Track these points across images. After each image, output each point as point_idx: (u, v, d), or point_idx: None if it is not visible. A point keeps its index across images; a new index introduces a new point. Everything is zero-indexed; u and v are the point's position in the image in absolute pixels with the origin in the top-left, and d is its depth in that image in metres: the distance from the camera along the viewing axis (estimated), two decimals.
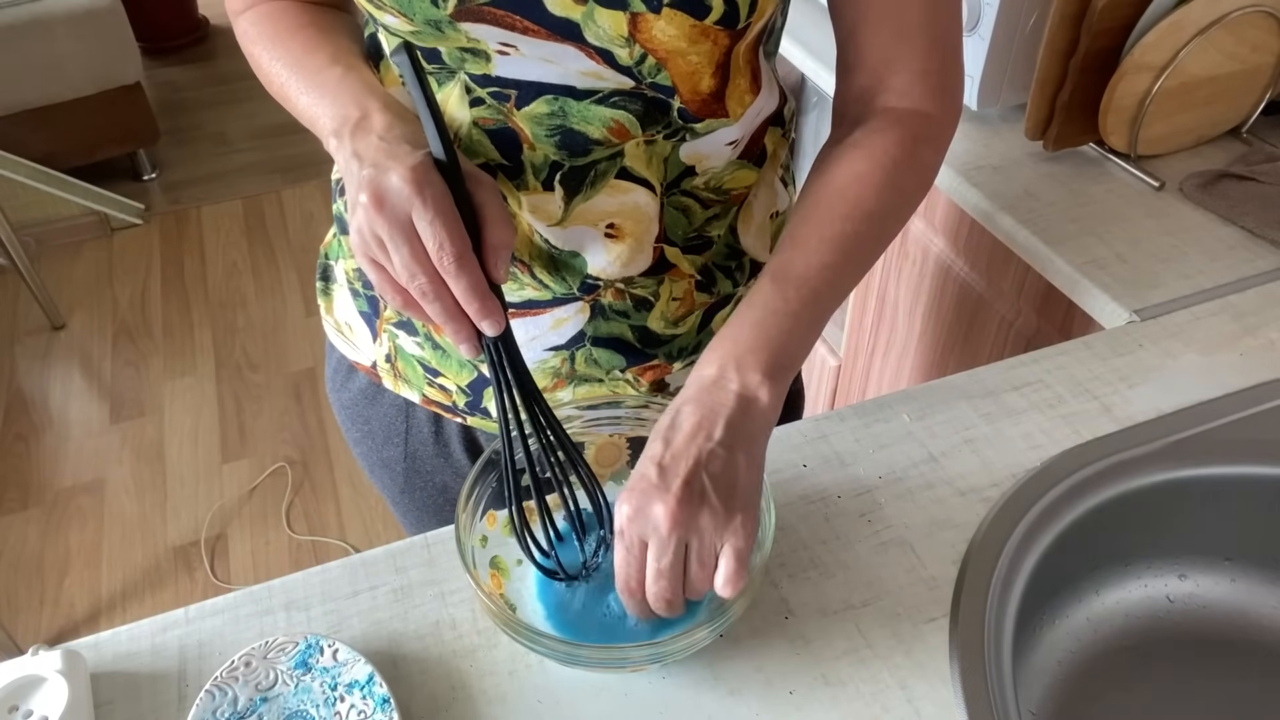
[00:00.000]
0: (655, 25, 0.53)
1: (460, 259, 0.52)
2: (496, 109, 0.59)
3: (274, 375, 2.27)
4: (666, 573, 0.51)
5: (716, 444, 0.51)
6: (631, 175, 0.62)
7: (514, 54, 0.56)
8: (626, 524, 0.51)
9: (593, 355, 0.70)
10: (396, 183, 0.51)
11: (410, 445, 0.80)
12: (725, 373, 0.54)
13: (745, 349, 0.54)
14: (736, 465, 0.52)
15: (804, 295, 0.57)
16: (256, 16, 0.65)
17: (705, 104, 0.59)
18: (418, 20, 0.54)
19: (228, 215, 2.77)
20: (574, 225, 0.63)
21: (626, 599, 0.54)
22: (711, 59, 0.57)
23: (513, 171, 0.61)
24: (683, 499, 0.50)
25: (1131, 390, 0.74)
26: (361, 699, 0.54)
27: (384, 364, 0.76)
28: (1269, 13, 0.95)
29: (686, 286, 0.69)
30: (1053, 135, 1.00)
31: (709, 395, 0.53)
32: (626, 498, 0.51)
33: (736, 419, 0.52)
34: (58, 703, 0.53)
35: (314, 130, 0.60)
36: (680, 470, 0.50)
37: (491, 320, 0.54)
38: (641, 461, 0.52)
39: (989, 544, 0.63)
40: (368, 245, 0.53)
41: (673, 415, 0.53)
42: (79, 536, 1.92)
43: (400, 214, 0.51)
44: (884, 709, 0.55)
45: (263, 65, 0.64)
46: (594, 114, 0.58)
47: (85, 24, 2.50)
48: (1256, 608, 0.71)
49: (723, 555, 0.51)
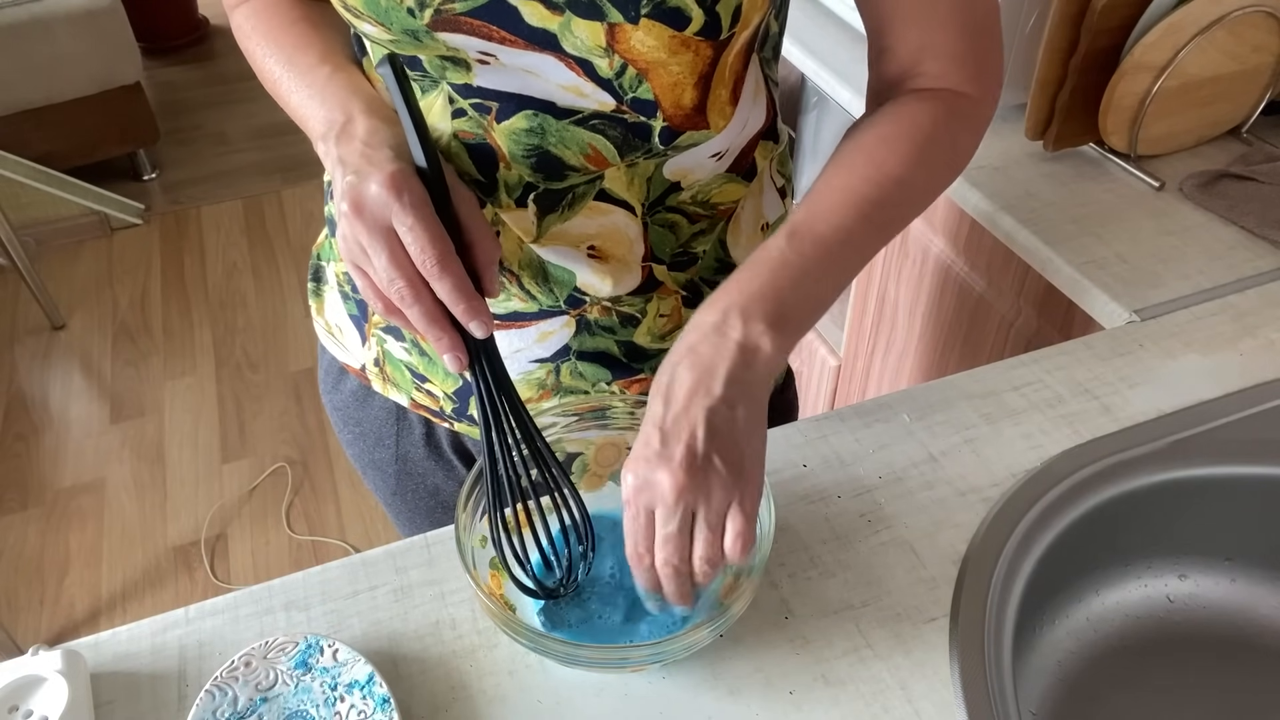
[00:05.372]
0: (633, 36, 0.52)
1: (443, 259, 0.51)
2: (477, 122, 0.58)
3: (274, 375, 2.27)
4: (674, 538, 0.50)
5: (718, 401, 0.50)
6: (611, 197, 0.61)
7: (494, 63, 0.55)
8: (633, 494, 0.50)
9: (578, 369, 0.69)
10: (374, 189, 0.51)
11: (401, 447, 0.80)
12: (728, 319, 0.52)
13: (750, 296, 0.53)
14: (738, 421, 0.51)
15: (818, 252, 0.55)
16: (251, 10, 0.65)
17: (688, 117, 0.58)
18: (395, 29, 0.54)
19: (228, 215, 2.77)
20: (552, 245, 0.62)
21: (635, 567, 0.53)
22: (694, 70, 0.55)
23: (488, 188, 0.61)
24: (687, 466, 0.49)
25: (1131, 390, 0.74)
26: (361, 699, 0.54)
27: (373, 367, 0.76)
28: (1269, 13, 0.95)
29: (674, 302, 0.68)
30: (1053, 135, 1.00)
31: (708, 344, 0.52)
32: (631, 467, 0.50)
33: (737, 371, 0.51)
34: (58, 703, 0.53)
35: (305, 131, 0.60)
36: (682, 434, 0.49)
37: (479, 320, 0.53)
38: (644, 425, 0.51)
39: (989, 544, 0.63)
40: (351, 251, 0.53)
41: (671, 371, 0.52)
42: (79, 536, 1.92)
43: (380, 219, 0.51)
44: (884, 709, 0.55)
45: (258, 61, 0.64)
46: (572, 136, 0.58)
47: (85, 24, 2.50)
48: (1256, 608, 0.71)
49: (730, 517, 0.50)
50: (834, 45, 1.22)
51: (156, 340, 2.36)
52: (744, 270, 0.55)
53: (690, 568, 0.52)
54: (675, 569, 0.51)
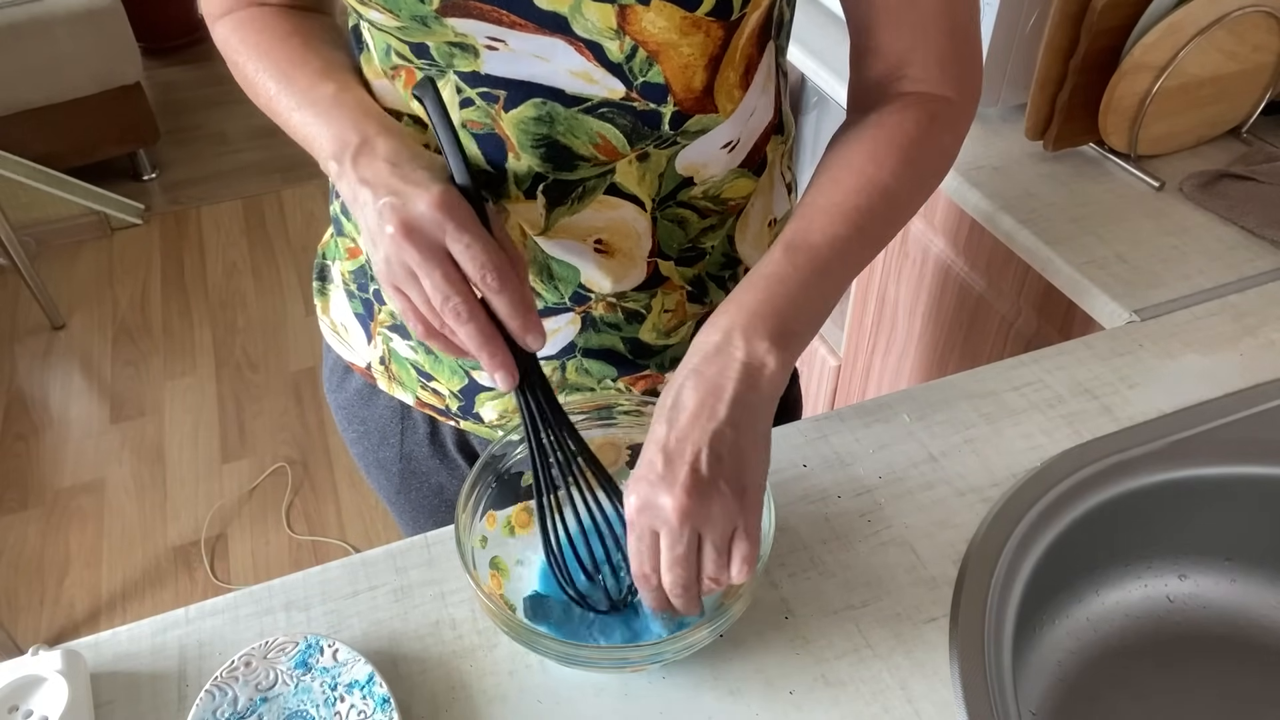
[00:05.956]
0: (644, 17, 0.52)
1: (504, 274, 0.51)
2: (485, 111, 0.58)
3: (274, 375, 2.27)
4: (681, 561, 0.50)
5: (723, 423, 0.50)
6: (621, 191, 0.61)
7: (503, 49, 0.55)
8: (636, 515, 0.50)
9: (584, 365, 0.69)
10: (425, 209, 0.51)
11: (406, 446, 0.80)
12: (731, 339, 0.52)
13: (752, 315, 0.53)
14: (743, 445, 0.51)
15: (815, 265, 0.55)
16: (236, 23, 0.64)
17: (697, 100, 0.58)
18: (403, 16, 0.54)
19: (228, 215, 2.77)
20: (559, 238, 0.62)
21: (643, 588, 0.53)
22: (705, 52, 0.55)
23: (496, 179, 0.60)
24: (690, 489, 0.49)
25: (1131, 390, 0.74)
26: (361, 699, 0.54)
27: (378, 366, 0.76)
28: (1269, 13, 0.95)
29: (679, 298, 0.68)
30: (1053, 135, 1.00)
31: (712, 366, 0.52)
32: (634, 487, 0.50)
33: (742, 392, 0.51)
34: (58, 703, 0.53)
35: (307, 149, 0.59)
36: (686, 456, 0.49)
37: (535, 333, 0.53)
38: (647, 446, 0.51)
39: (989, 544, 0.63)
40: (394, 274, 0.52)
41: (675, 393, 0.52)
42: (79, 536, 1.92)
43: (433, 241, 0.51)
44: (884, 709, 0.55)
45: (248, 75, 0.62)
46: (581, 125, 0.58)
47: (85, 24, 2.50)
48: (1256, 608, 0.71)
49: (735, 542, 0.50)
50: (834, 45, 1.22)
51: (156, 340, 2.37)
52: (743, 288, 0.55)
53: (699, 587, 0.52)
54: (685, 588, 0.51)
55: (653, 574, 0.52)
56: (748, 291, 0.54)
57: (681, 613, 0.53)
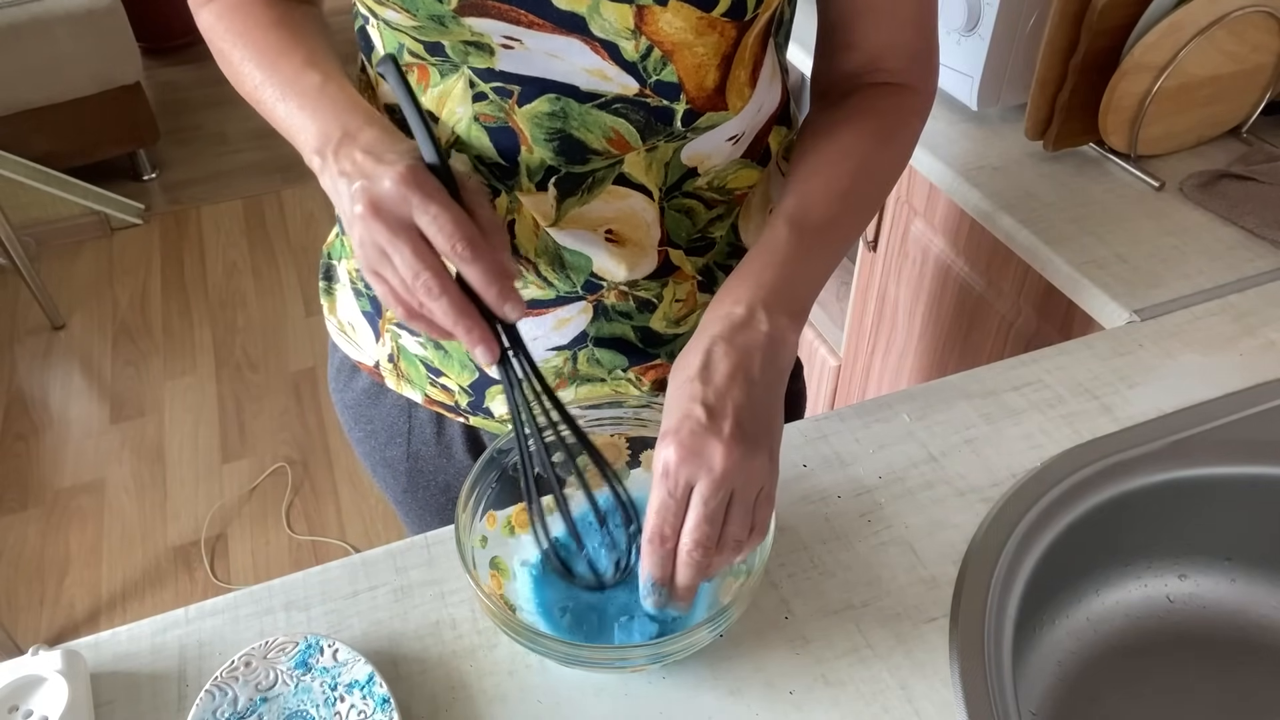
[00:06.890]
0: (662, 18, 0.53)
1: (474, 243, 0.50)
2: (499, 105, 0.58)
3: (274, 375, 2.27)
4: (711, 517, 0.49)
5: (758, 385, 0.51)
6: (629, 181, 0.62)
7: (518, 48, 0.55)
8: (676, 465, 0.49)
9: (595, 355, 0.70)
10: (389, 185, 0.50)
11: (413, 445, 0.80)
12: (755, 313, 0.53)
13: (770, 290, 0.55)
14: (774, 410, 0.52)
15: (820, 245, 0.58)
16: (221, 10, 0.63)
17: (709, 99, 0.59)
18: (420, 15, 0.54)
19: (228, 215, 2.77)
20: (571, 228, 0.63)
21: (654, 551, 0.51)
22: (718, 51, 0.57)
23: (508, 171, 0.61)
24: (739, 440, 0.49)
25: (1131, 390, 0.74)
26: (361, 699, 0.54)
27: (386, 364, 0.76)
28: (1269, 13, 0.95)
29: (689, 287, 0.69)
30: (1053, 135, 1.00)
31: (741, 335, 0.53)
32: (673, 439, 0.49)
33: (769, 360, 0.52)
34: (58, 703, 0.53)
35: (292, 141, 0.58)
36: (729, 410, 0.49)
37: (513, 303, 0.52)
38: (680, 402, 0.50)
39: (989, 544, 0.63)
40: (370, 258, 0.52)
41: (704, 355, 0.52)
42: (79, 536, 1.92)
43: (400, 215, 0.50)
44: (884, 709, 0.55)
45: (233, 63, 0.61)
46: (595, 120, 0.58)
47: (85, 24, 2.51)
48: (1256, 608, 0.71)
49: (759, 503, 0.51)
50: None
51: (156, 340, 2.37)
52: (755, 262, 0.56)
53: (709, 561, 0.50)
54: (702, 553, 0.50)
55: (671, 536, 0.50)
56: (765, 270, 0.56)
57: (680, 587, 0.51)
